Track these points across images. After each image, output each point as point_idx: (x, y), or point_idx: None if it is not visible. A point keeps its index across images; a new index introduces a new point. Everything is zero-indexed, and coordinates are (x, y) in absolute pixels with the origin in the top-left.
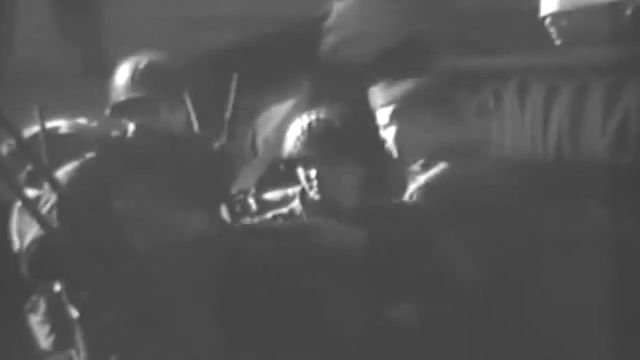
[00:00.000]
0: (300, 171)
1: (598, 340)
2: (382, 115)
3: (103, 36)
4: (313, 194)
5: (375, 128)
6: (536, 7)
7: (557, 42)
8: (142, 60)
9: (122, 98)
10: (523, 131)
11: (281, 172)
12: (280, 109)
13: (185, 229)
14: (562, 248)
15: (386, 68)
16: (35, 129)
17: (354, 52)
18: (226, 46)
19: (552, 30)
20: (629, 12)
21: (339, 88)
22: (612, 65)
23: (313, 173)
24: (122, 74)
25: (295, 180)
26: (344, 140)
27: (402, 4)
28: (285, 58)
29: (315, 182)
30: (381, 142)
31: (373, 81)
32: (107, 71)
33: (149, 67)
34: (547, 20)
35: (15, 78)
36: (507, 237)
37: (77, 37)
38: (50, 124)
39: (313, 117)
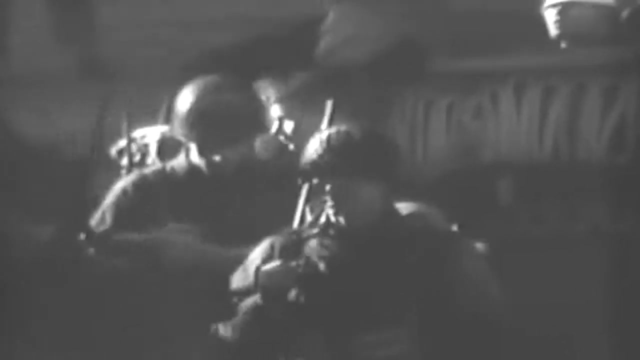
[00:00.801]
0: (316, 182)
1: (598, 340)
2: (276, 109)
3: (99, 37)
4: (328, 208)
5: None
6: (532, 8)
7: (556, 34)
8: (206, 98)
9: (174, 133)
10: (519, 131)
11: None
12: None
13: (35, 243)
14: (561, 248)
15: (382, 70)
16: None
17: (350, 54)
18: (223, 47)
19: (556, 20)
20: (625, 14)
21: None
22: (609, 66)
23: (327, 187)
24: (183, 105)
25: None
26: (363, 152)
27: (397, 6)
28: (282, 59)
29: (329, 196)
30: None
31: (368, 83)
32: (104, 73)
33: (207, 114)
34: (553, 11)
35: (11, 80)
36: None
37: (73, 39)
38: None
39: (333, 130)
